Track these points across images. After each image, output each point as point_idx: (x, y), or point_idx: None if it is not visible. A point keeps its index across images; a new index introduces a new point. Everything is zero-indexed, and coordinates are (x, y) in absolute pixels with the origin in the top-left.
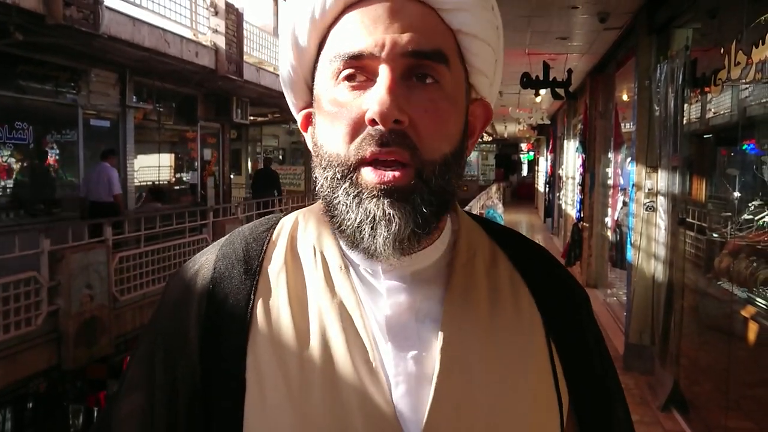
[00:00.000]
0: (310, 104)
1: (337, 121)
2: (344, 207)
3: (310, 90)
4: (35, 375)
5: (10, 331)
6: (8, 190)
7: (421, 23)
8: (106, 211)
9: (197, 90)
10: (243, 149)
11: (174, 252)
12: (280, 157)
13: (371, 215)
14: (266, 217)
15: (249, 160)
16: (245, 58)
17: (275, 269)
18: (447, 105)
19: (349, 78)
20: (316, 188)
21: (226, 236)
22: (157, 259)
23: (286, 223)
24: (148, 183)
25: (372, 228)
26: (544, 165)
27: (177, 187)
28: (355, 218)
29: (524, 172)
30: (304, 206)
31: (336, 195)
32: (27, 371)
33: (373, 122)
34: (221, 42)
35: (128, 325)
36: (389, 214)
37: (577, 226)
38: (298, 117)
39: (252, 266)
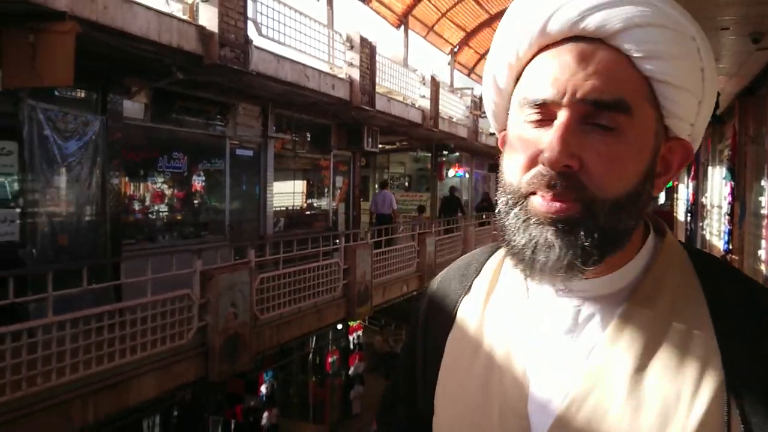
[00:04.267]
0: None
1: (516, 153)
2: (513, 229)
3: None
4: (184, 386)
5: (165, 344)
6: (162, 214)
7: (607, 71)
8: (387, 220)
9: (331, 120)
10: (371, 176)
11: (308, 275)
12: (406, 183)
13: (534, 240)
14: (493, 244)
15: (376, 186)
16: (376, 88)
17: (481, 285)
18: (625, 149)
19: (534, 119)
20: (496, 211)
21: (463, 257)
22: (293, 281)
23: (502, 249)
24: (284, 209)
25: (532, 252)
26: (684, 192)
27: (308, 213)
28: (520, 241)
29: (661, 200)
30: (430, 232)
31: (507, 218)
32: (177, 382)
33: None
34: (355, 74)
35: (266, 342)
36: (550, 241)
37: (725, 258)
38: (499, 136)
39: (467, 280)
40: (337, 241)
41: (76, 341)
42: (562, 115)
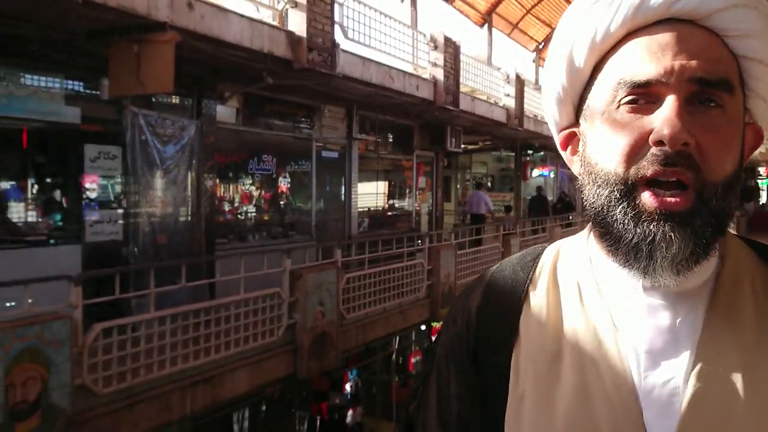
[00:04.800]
0: (572, 124)
1: (616, 140)
2: (621, 226)
3: (575, 109)
4: (273, 382)
5: (257, 340)
6: (252, 214)
7: (707, 51)
8: (481, 220)
9: (414, 121)
10: (453, 176)
11: (392, 275)
12: (489, 184)
13: (650, 236)
14: (533, 247)
15: (459, 186)
16: (460, 88)
17: (538, 296)
18: (731, 128)
19: (631, 101)
20: (587, 205)
21: (497, 265)
22: (378, 281)
23: (549, 252)
24: (368, 209)
25: (650, 249)
26: None
27: (391, 213)
28: (632, 238)
29: (763, 200)
30: (515, 232)
31: (612, 213)
32: (268, 378)
33: (658, 143)
34: (439, 74)
35: (352, 342)
36: (669, 236)
37: None
38: (559, 136)
39: (518, 292)
40: (419, 241)
41: (174, 336)
42: (672, 95)
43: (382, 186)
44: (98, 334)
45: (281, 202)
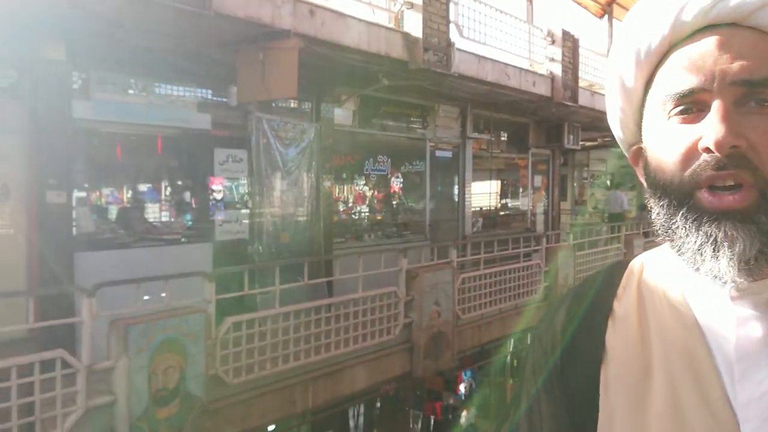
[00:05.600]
0: (638, 140)
1: (669, 151)
2: (683, 231)
3: (638, 126)
4: (390, 379)
5: (375, 338)
6: (367, 214)
7: (751, 51)
8: (619, 219)
9: (530, 118)
10: (569, 174)
11: (508, 276)
12: (608, 182)
13: (712, 237)
14: (616, 261)
15: (575, 185)
16: (579, 82)
17: (624, 310)
18: None
19: (681, 112)
20: (653, 217)
21: (580, 282)
22: (494, 282)
23: (633, 266)
24: (481, 209)
25: (714, 250)
26: None
27: (505, 213)
28: (695, 241)
29: None
30: (636, 233)
31: (674, 220)
32: (385, 375)
33: (708, 150)
34: (557, 69)
35: (468, 342)
36: (731, 235)
37: None
38: (628, 153)
39: (603, 308)
40: (535, 241)
41: (297, 332)
42: (717, 100)
43: (495, 185)
44: (229, 327)
45: (396, 202)
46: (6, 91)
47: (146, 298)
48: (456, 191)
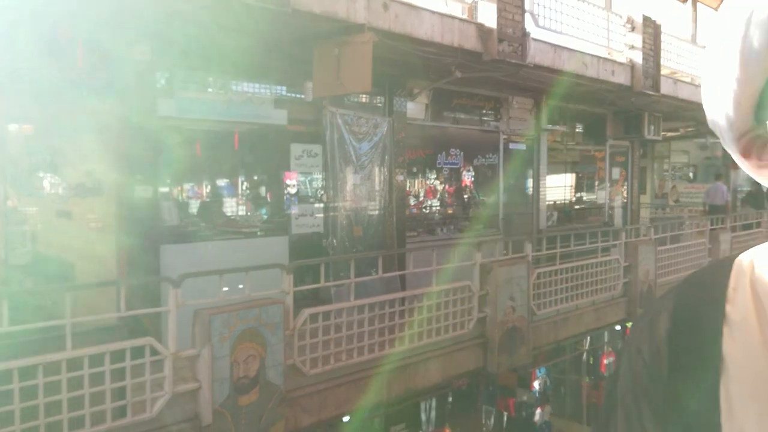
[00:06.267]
0: (754, 127)
1: None
2: None
3: (757, 109)
4: (463, 374)
5: (449, 332)
6: (440, 208)
7: None
8: (721, 211)
9: (607, 109)
10: (648, 167)
11: (585, 271)
12: (691, 174)
13: None
14: (718, 260)
15: (656, 178)
16: (660, 70)
17: (739, 314)
18: None
19: None
20: None
21: (679, 284)
22: (570, 278)
23: (741, 265)
24: (556, 203)
25: None
26: None
27: (580, 207)
28: None
29: None
30: (724, 227)
31: None
32: (458, 369)
33: None
34: (637, 57)
35: (543, 338)
36: None
37: None
38: (734, 143)
39: (715, 312)
40: (614, 236)
41: (372, 324)
42: None
43: (571, 178)
44: (306, 318)
45: (469, 196)
46: (98, 91)
47: (225, 289)
48: (530, 184)
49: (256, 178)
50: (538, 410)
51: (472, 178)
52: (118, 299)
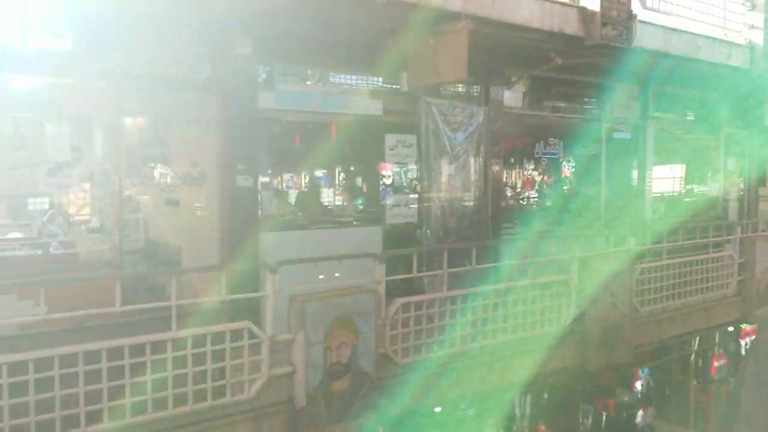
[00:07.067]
0: None
1: None
2: None
3: None
4: (559, 370)
5: (544, 327)
6: (536, 199)
7: None
8: None
9: (722, 94)
10: None
11: (695, 268)
12: None
13: None
14: None
15: None
16: None
17: None
18: None
19: None
20: None
21: None
22: (678, 274)
23: None
24: (663, 195)
25: None
26: None
27: (689, 199)
28: None
29: None
30: None
31: None
32: (553, 365)
33: None
34: (757, 38)
35: (646, 337)
36: None
37: None
38: None
39: None
40: (728, 231)
41: (464, 316)
42: None
43: (680, 169)
44: (398, 308)
45: (566, 187)
46: (202, 84)
47: (321, 277)
48: (635, 175)
49: (352, 168)
50: (641, 412)
51: (573, 169)
52: (219, 283)
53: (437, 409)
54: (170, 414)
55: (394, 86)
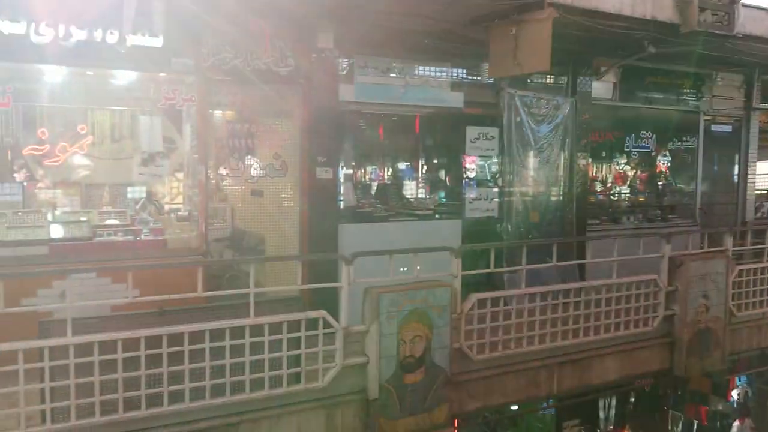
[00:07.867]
0: None
1: None
2: None
3: None
4: (645, 374)
5: (629, 328)
6: (626, 195)
7: None
8: None
9: None
10: None
11: None
12: None
13: None
14: None
15: None
16: None
17: None
18: None
19: None
20: None
21: None
22: None
23: None
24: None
25: None
26: None
27: None
28: None
29: None
30: None
31: None
32: (639, 369)
33: None
34: None
35: (743, 343)
36: None
37: None
38: None
39: None
40: None
41: (544, 314)
42: None
43: None
44: (474, 303)
45: (659, 183)
46: (285, 78)
47: (403, 269)
48: (736, 171)
49: (435, 161)
50: (737, 423)
51: (668, 163)
52: (298, 273)
53: (513, 407)
54: (247, 398)
55: (475, 78)
